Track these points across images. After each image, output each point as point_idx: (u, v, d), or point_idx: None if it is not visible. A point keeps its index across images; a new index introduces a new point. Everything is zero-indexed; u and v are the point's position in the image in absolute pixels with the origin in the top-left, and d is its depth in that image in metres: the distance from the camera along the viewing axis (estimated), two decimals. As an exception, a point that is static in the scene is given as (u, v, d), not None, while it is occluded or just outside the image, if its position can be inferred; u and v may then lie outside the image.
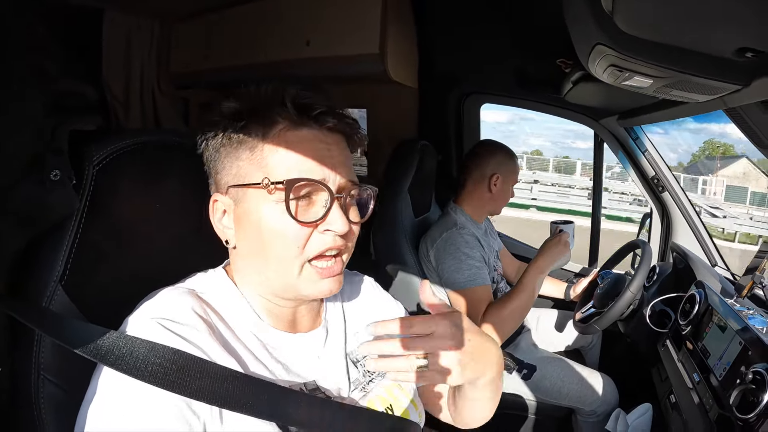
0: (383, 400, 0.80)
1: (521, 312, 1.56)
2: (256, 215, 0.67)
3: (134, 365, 0.56)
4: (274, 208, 0.66)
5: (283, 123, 0.68)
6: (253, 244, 0.69)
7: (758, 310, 1.31)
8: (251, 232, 0.69)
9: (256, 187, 0.66)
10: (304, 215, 0.67)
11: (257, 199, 0.67)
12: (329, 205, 0.67)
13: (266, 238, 0.67)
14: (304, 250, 0.67)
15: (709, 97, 1.02)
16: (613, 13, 0.79)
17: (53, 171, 0.62)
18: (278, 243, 0.67)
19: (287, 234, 0.66)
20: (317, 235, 0.68)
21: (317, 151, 0.68)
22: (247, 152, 0.68)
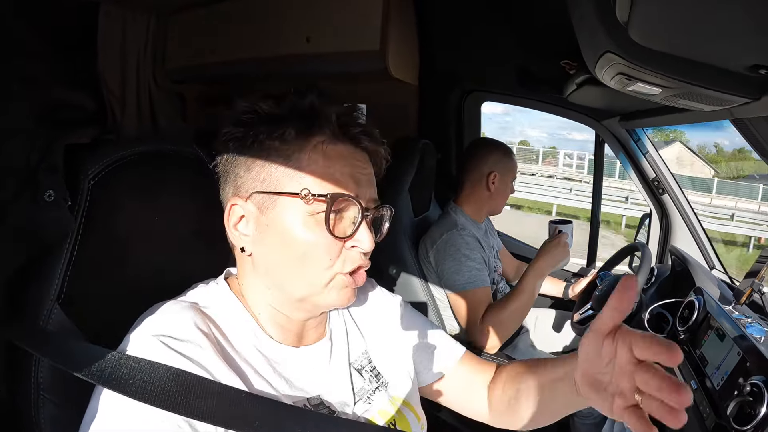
0: (386, 414, 0.79)
1: (520, 314, 1.56)
2: (285, 224, 0.67)
3: (138, 389, 0.55)
4: (307, 219, 0.66)
5: (322, 136, 0.68)
6: (276, 253, 0.68)
7: (756, 318, 1.31)
8: (276, 241, 0.68)
9: (293, 196, 0.66)
10: (335, 230, 0.67)
11: (290, 208, 0.67)
12: (359, 222, 0.68)
13: (295, 249, 0.67)
14: (335, 264, 0.68)
15: (717, 108, 1.01)
16: (628, 24, 0.78)
17: (47, 191, 0.61)
18: (308, 254, 0.67)
19: (318, 246, 0.67)
20: (345, 251, 0.69)
21: (353, 168, 0.70)
22: (281, 159, 0.67)
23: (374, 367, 0.84)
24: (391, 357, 0.88)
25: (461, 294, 1.58)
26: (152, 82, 1.77)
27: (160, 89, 1.80)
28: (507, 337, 1.55)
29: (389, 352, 0.88)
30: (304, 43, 1.59)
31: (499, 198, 1.77)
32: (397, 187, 1.68)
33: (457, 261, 1.59)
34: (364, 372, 0.82)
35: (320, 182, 0.66)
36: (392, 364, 0.87)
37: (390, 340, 0.90)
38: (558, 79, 1.73)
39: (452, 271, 1.59)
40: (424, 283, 1.65)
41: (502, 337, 1.53)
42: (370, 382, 0.81)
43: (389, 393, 0.82)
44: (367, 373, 0.82)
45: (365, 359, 0.84)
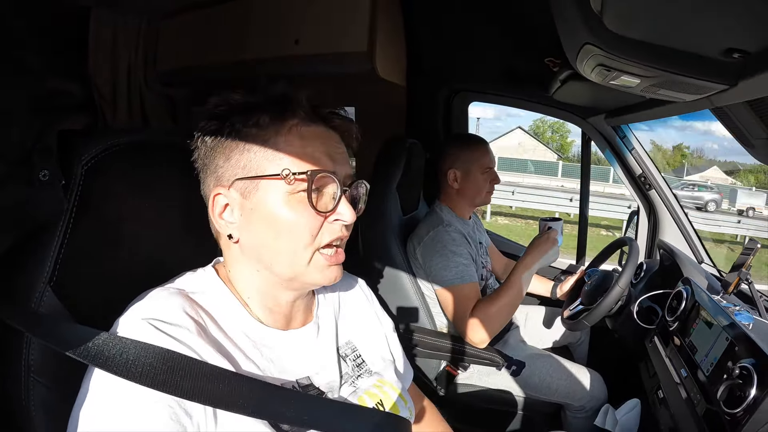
0: (373, 396, 0.80)
1: (509, 309, 1.56)
2: (269, 206, 0.69)
3: (124, 366, 0.55)
4: (290, 198, 0.69)
5: (296, 119, 0.71)
6: (263, 235, 0.70)
7: (744, 306, 1.33)
8: (262, 223, 0.70)
9: (274, 178, 0.68)
10: (318, 206, 0.69)
11: (272, 189, 0.69)
12: (339, 196, 0.71)
13: (280, 228, 0.69)
14: (316, 239, 0.70)
15: (696, 96, 1.03)
16: (602, 14, 0.80)
17: (42, 171, 0.62)
18: (293, 232, 0.69)
19: (302, 223, 0.69)
20: (327, 225, 0.71)
21: (328, 147, 0.73)
22: (258, 145, 0.69)
23: (358, 356, 0.87)
24: (374, 346, 0.91)
25: (449, 289, 1.59)
26: (143, 85, 1.78)
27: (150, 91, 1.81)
28: (496, 332, 1.56)
29: (371, 342, 0.91)
30: (293, 45, 1.61)
31: (469, 192, 1.77)
32: (384, 185, 1.69)
33: (444, 257, 1.60)
34: (348, 359, 0.84)
35: (299, 162, 0.69)
36: (375, 353, 0.90)
37: (371, 330, 0.93)
38: (543, 77, 1.76)
39: (440, 267, 1.60)
40: (413, 281, 1.66)
41: (491, 332, 1.53)
42: (353, 369, 0.83)
43: (373, 378, 0.84)
44: (351, 361, 0.84)
45: (349, 348, 0.86)
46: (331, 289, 0.90)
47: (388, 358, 0.92)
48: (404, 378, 0.96)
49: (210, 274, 0.75)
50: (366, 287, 0.99)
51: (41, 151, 0.63)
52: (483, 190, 1.78)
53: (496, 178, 1.80)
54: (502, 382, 1.70)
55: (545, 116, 7.49)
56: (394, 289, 1.66)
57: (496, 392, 1.71)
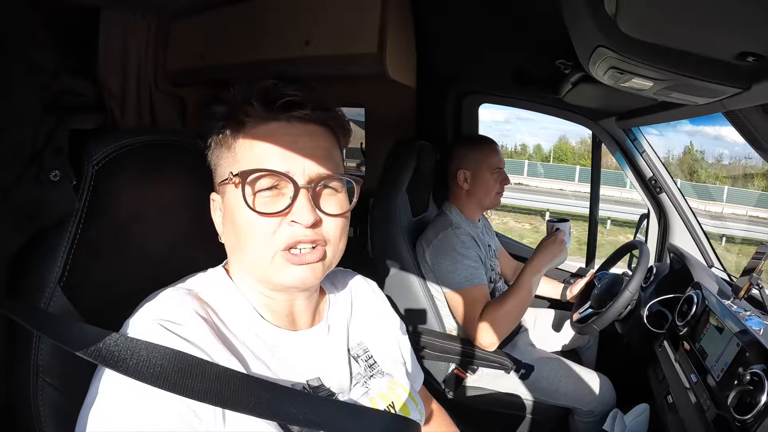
0: (385, 398, 0.81)
1: (518, 311, 1.56)
2: (231, 209, 0.70)
3: (135, 367, 0.56)
4: (251, 200, 0.68)
5: (251, 119, 0.70)
6: (233, 237, 0.72)
7: (755, 312, 1.31)
8: (231, 226, 0.72)
9: (226, 183, 0.70)
10: (269, 206, 0.68)
11: (232, 194, 0.70)
12: (293, 196, 0.68)
13: (240, 230, 0.69)
14: (272, 240, 0.68)
15: (709, 100, 1.02)
16: (616, 16, 0.79)
17: (53, 171, 0.62)
18: (249, 234, 0.69)
19: (254, 225, 0.68)
20: (286, 227, 0.68)
21: (283, 143, 0.69)
22: (225, 152, 0.72)
23: (370, 356, 0.86)
24: (385, 348, 0.91)
25: (458, 292, 1.59)
26: (153, 85, 1.79)
27: (160, 92, 1.82)
28: (505, 335, 1.56)
29: (383, 343, 0.91)
30: (303, 46, 1.61)
31: (479, 193, 1.77)
32: (394, 187, 1.69)
33: (453, 260, 1.59)
34: (360, 360, 0.84)
35: (245, 163, 0.69)
36: (386, 355, 0.90)
37: (382, 331, 0.93)
38: (554, 80, 1.75)
39: (449, 269, 1.60)
40: (423, 283, 1.66)
41: (501, 335, 1.53)
42: (365, 369, 0.83)
43: (385, 379, 0.84)
44: (363, 362, 0.84)
45: (361, 349, 0.86)
46: (343, 290, 0.91)
47: (399, 360, 0.92)
48: (414, 380, 0.96)
49: (220, 274, 0.76)
50: (378, 289, 0.99)
51: (52, 151, 0.63)
52: (492, 190, 1.77)
53: (506, 179, 1.79)
54: (511, 386, 1.70)
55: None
56: (403, 291, 1.66)
57: (504, 395, 1.70)
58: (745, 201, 15.87)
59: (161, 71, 1.84)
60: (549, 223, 1.72)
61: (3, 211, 0.59)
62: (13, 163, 0.59)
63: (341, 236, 0.74)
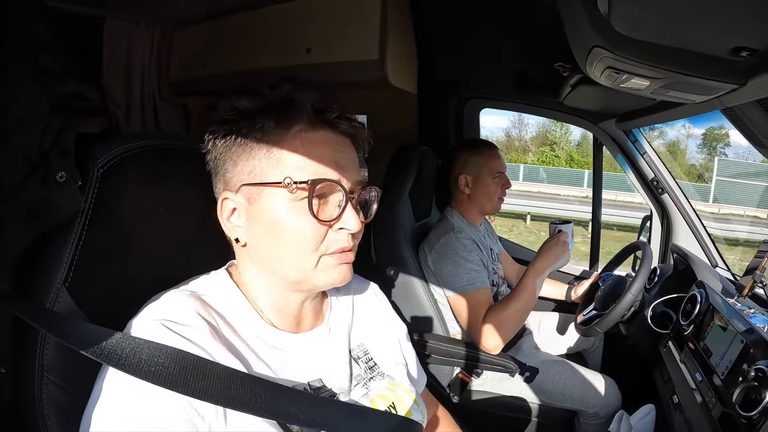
0: (385, 399, 0.81)
1: (522, 314, 1.56)
2: (273, 213, 0.69)
3: (137, 365, 0.56)
4: (292, 206, 0.68)
5: (300, 124, 0.70)
6: (268, 240, 0.71)
7: (759, 309, 1.31)
8: (266, 229, 0.70)
9: (276, 185, 0.68)
10: (321, 214, 0.69)
11: (275, 197, 0.69)
12: (344, 204, 0.70)
13: (283, 235, 0.69)
14: (321, 246, 0.70)
15: (706, 97, 1.03)
16: (610, 16, 0.81)
17: (59, 172, 0.63)
18: (296, 239, 0.69)
19: (306, 232, 0.69)
20: (332, 233, 0.70)
21: (333, 153, 0.71)
22: (263, 151, 0.69)
23: (370, 358, 0.87)
24: (386, 350, 0.91)
25: (461, 296, 1.59)
26: (156, 94, 1.81)
27: (164, 101, 1.84)
28: (509, 338, 1.55)
29: (384, 345, 0.91)
30: (305, 53, 1.63)
31: (481, 198, 1.77)
32: (397, 192, 1.70)
33: (455, 264, 1.60)
34: (360, 362, 0.84)
35: (301, 169, 0.68)
36: (387, 357, 0.90)
37: (383, 333, 0.93)
38: (554, 83, 1.76)
39: (451, 274, 1.60)
40: (426, 287, 1.66)
41: (505, 338, 1.53)
42: (365, 371, 0.83)
43: (386, 381, 0.84)
44: (363, 363, 0.85)
45: (361, 350, 0.86)
46: (345, 292, 0.91)
47: (400, 362, 0.92)
48: (417, 382, 0.96)
49: (223, 276, 0.76)
50: (379, 291, 0.99)
51: (59, 153, 0.64)
52: (494, 195, 1.77)
53: (507, 183, 1.80)
54: (516, 389, 1.69)
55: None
56: (407, 296, 1.66)
57: (509, 399, 1.70)
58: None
59: (165, 80, 1.86)
60: (552, 225, 1.72)
61: (10, 211, 0.61)
62: (21, 164, 0.60)
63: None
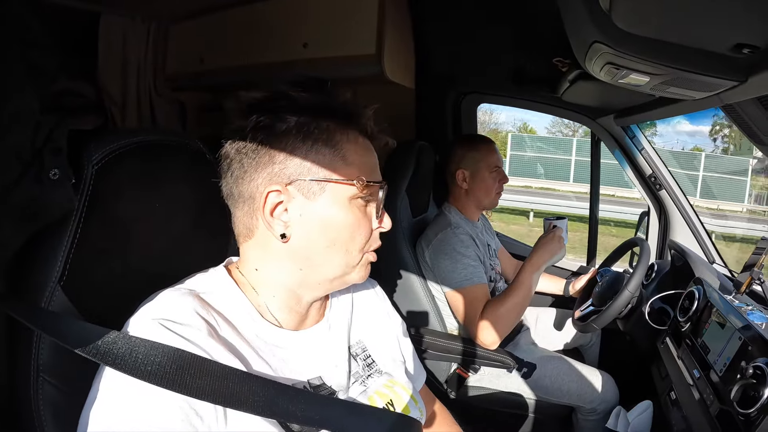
0: (383, 396, 0.81)
1: (519, 309, 1.56)
2: (333, 209, 0.71)
3: (134, 364, 0.56)
4: (352, 203, 0.72)
5: (357, 130, 0.74)
6: (319, 235, 0.71)
7: (757, 306, 1.31)
8: (320, 224, 0.71)
9: (345, 183, 0.70)
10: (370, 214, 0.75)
11: (338, 194, 0.70)
12: (381, 207, 0.75)
13: (339, 232, 0.72)
14: (367, 244, 0.75)
15: (706, 93, 1.02)
16: (611, 11, 0.80)
17: (52, 170, 0.62)
18: (352, 236, 0.72)
19: (362, 230, 0.73)
20: (374, 232, 0.76)
21: (375, 159, 0.77)
22: (327, 148, 0.70)
23: (369, 356, 0.86)
24: (384, 347, 0.91)
25: (458, 291, 1.59)
26: (152, 90, 1.80)
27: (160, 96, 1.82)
28: (506, 333, 1.55)
29: (382, 342, 0.91)
30: (302, 48, 1.61)
31: (478, 193, 1.77)
32: (395, 188, 1.69)
33: (452, 259, 1.60)
34: (359, 359, 0.84)
35: (364, 171, 0.72)
36: (385, 354, 0.90)
37: (382, 330, 0.93)
38: (552, 78, 1.75)
39: (448, 269, 1.60)
40: (423, 283, 1.66)
41: (502, 333, 1.53)
42: (363, 368, 0.83)
43: (384, 378, 0.84)
44: (362, 360, 0.85)
45: (360, 347, 0.86)
46: (345, 289, 0.89)
47: (398, 359, 0.92)
48: (415, 379, 0.96)
49: (221, 274, 0.75)
50: (379, 288, 0.99)
51: (52, 151, 0.63)
52: (492, 190, 1.77)
53: (504, 178, 1.80)
54: (513, 385, 1.69)
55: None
56: (404, 292, 1.66)
57: (507, 395, 1.70)
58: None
59: (161, 75, 1.85)
60: (546, 221, 1.73)
61: (3, 210, 0.60)
62: (14, 163, 0.59)
63: None
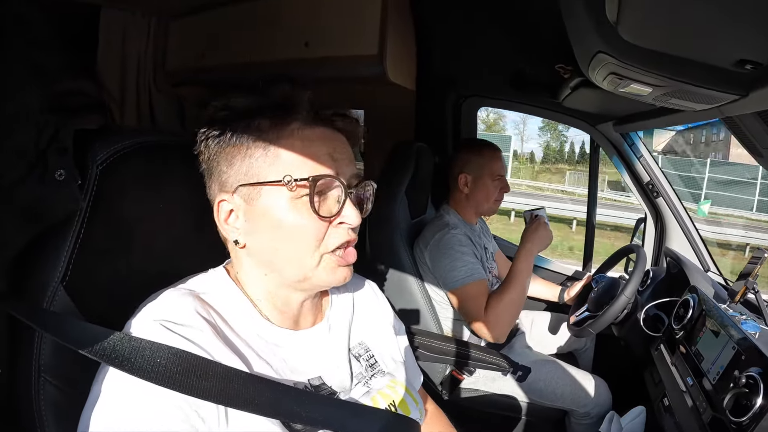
0: (386, 396, 0.81)
1: (521, 298, 1.58)
2: (273, 212, 0.68)
3: (140, 366, 0.56)
4: (293, 204, 0.68)
5: (297, 122, 0.70)
6: (269, 240, 0.70)
7: (751, 316, 1.33)
8: (267, 229, 0.70)
9: (276, 184, 0.68)
10: (321, 210, 0.69)
11: (274, 195, 0.68)
12: (343, 199, 0.70)
13: (285, 234, 0.69)
14: (324, 243, 0.70)
15: (707, 106, 1.03)
16: (618, 23, 0.80)
17: (58, 171, 0.62)
18: (298, 237, 0.69)
19: (307, 229, 0.69)
20: (333, 229, 0.70)
21: (330, 149, 0.71)
22: (260, 150, 0.69)
23: (371, 356, 0.87)
24: (386, 347, 0.91)
25: (461, 289, 1.59)
26: (152, 85, 1.79)
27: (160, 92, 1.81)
28: (512, 324, 1.58)
29: (383, 343, 0.92)
30: (303, 47, 1.61)
31: (478, 198, 1.78)
32: (393, 189, 1.70)
33: (452, 258, 1.60)
34: (361, 359, 0.85)
35: (300, 166, 0.68)
36: (387, 354, 0.90)
37: (382, 331, 0.94)
38: (553, 84, 1.76)
39: (449, 267, 1.60)
40: (421, 284, 1.66)
41: (509, 324, 1.55)
42: (366, 369, 0.84)
43: (386, 379, 0.85)
44: (364, 361, 0.85)
45: (362, 348, 0.87)
46: (345, 290, 0.91)
47: (399, 359, 0.92)
48: (414, 380, 0.97)
49: (221, 274, 0.75)
50: (378, 290, 0.99)
51: (57, 151, 0.63)
52: (492, 197, 1.78)
53: (506, 187, 1.81)
54: (508, 388, 1.70)
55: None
56: (401, 293, 1.66)
57: (501, 397, 1.71)
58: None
59: (161, 71, 1.84)
60: (527, 213, 1.77)
61: (8, 209, 0.60)
62: (18, 163, 0.59)
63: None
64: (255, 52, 1.71)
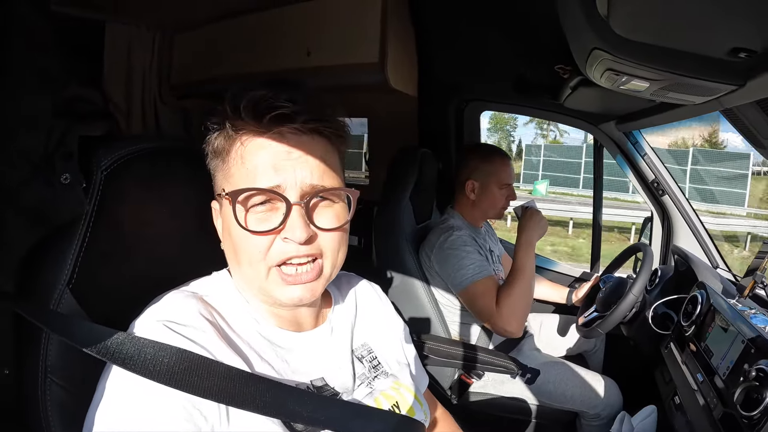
0: (389, 398, 0.81)
1: (530, 289, 1.59)
2: (227, 222, 0.70)
3: (143, 365, 0.56)
4: (248, 214, 0.68)
5: (243, 132, 0.68)
6: (229, 245, 0.72)
7: (760, 310, 1.31)
8: (226, 235, 0.72)
9: (219, 197, 0.71)
10: (262, 223, 0.67)
11: (225, 207, 0.70)
12: (287, 213, 0.66)
13: (235, 245, 0.69)
14: (266, 257, 0.68)
15: (706, 98, 1.03)
16: (609, 18, 0.81)
17: (64, 175, 0.64)
18: (243, 250, 0.68)
19: (248, 242, 0.67)
20: (279, 243, 0.67)
21: (275, 157, 0.67)
22: (220, 163, 0.71)
23: (374, 357, 0.87)
24: (389, 349, 0.91)
25: (472, 287, 1.59)
26: (157, 98, 1.81)
27: (165, 104, 1.84)
28: (526, 314, 1.57)
29: (387, 345, 0.92)
30: (305, 56, 1.63)
31: (484, 205, 1.79)
32: (397, 195, 1.71)
33: (458, 257, 1.60)
34: (365, 361, 0.85)
35: (241, 179, 0.67)
36: (390, 356, 0.90)
37: (386, 333, 0.94)
38: (554, 85, 1.76)
39: (456, 267, 1.60)
40: (427, 289, 1.66)
41: (524, 316, 1.55)
42: (369, 370, 0.84)
43: (389, 380, 0.84)
44: (368, 362, 0.85)
45: (365, 350, 0.87)
46: (348, 294, 0.91)
47: (403, 361, 0.92)
48: (419, 382, 0.97)
49: (224, 277, 0.77)
50: (382, 293, 0.99)
51: (63, 156, 0.65)
52: (498, 205, 1.79)
53: (513, 195, 1.81)
54: (517, 390, 1.69)
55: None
56: (408, 298, 1.67)
57: (510, 400, 1.70)
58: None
59: (166, 83, 1.87)
60: (517, 208, 1.78)
61: (15, 212, 0.61)
62: (24, 166, 0.61)
63: (339, 248, 0.73)
64: (258, 63, 1.73)
